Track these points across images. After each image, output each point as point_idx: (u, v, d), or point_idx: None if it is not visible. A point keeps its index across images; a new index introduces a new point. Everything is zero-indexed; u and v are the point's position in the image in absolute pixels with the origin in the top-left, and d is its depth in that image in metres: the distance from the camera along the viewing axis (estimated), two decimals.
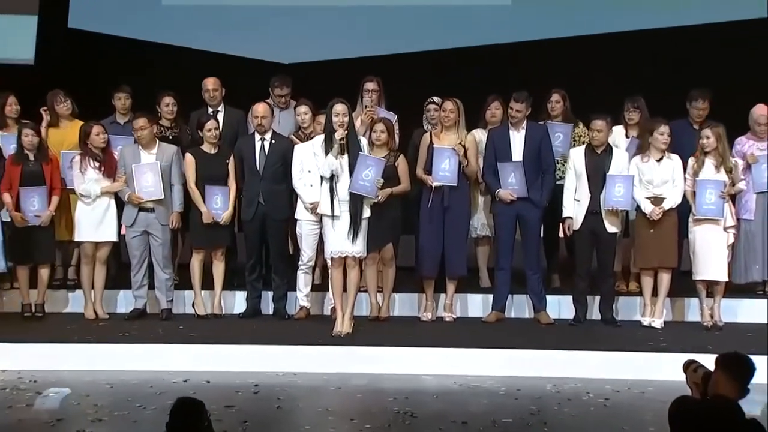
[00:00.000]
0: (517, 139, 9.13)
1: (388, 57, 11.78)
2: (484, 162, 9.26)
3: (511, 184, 9.06)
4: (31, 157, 9.17)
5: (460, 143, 9.03)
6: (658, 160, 8.97)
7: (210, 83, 9.85)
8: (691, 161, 9.01)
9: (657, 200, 8.97)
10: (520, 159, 9.07)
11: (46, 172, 9.16)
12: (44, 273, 9.24)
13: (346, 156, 8.46)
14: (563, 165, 9.34)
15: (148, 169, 9.09)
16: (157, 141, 9.27)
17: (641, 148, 9.07)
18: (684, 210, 9.03)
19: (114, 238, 9.26)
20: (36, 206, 9.10)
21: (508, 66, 11.51)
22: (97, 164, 9.14)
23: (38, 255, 9.21)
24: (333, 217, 8.49)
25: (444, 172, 9.00)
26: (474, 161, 9.13)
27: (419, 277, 9.34)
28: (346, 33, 12.12)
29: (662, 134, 8.93)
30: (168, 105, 9.68)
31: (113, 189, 9.17)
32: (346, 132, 8.42)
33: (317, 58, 11.92)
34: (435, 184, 9.02)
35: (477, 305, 9.52)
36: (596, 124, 9.00)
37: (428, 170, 9.08)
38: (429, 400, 7.55)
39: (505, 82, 10.03)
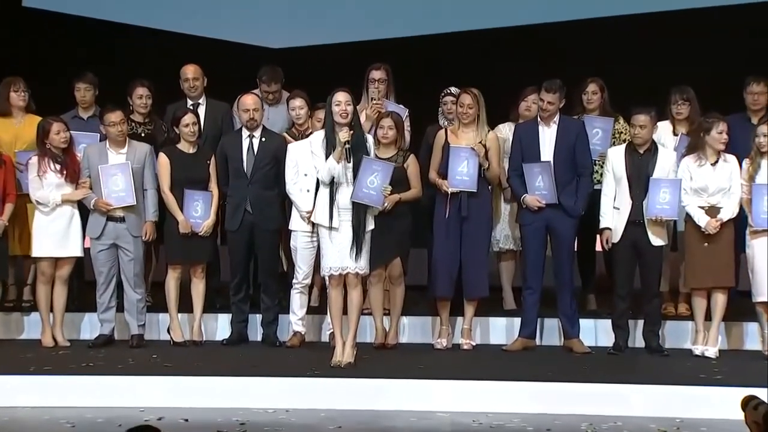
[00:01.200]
0: (548, 136, 9.09)
1: (397, 40, 11.77)
2: (509, 163, 9.23)
3: (539, 189, 9.01)
4: None
5: (480, 142, 9.00)
6: (714, 164, 8.92)
7: (189, 71, 9.83)
8: (745, 163, 8.96)
9: (712, 210, 8.91)
10: (550, 159, 9.03)
11: None
12: None
13: (351, 161, 8.39)
14: (601, 167, 9.30)
15: (119, 171, 9.06)
16: (128, 139, 9.23)
17: (692, 147, 9.02)
18: (741, 221, 8.98)
19: (78, 252, 9.23)
20: None
21: (538, 51, 11.49)
22: (57, 167, 9.10)
23: None
24: (331, 228, 8.44)
25: (461, 175, 8.97)
26: (496, 163, 9.08)
27: (432, 297, 9.31)
28: (347, 12, 12.10)
29: (721, 133, 8.88)
30: (141, 97, 9.66)
31: (75, 197, 9.13)
32: (352, 132, 8.34)
33: (313, 42, 11.91)
34: (451, 189, 8.98)
35: (500, 330, 9.51)
36: (639, 119, 8.94)
37: (443, 173, 9.05)
38: None
39: (533, 69, 9.99)
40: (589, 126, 9.37)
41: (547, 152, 9.06)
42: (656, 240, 8.94)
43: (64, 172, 9.08)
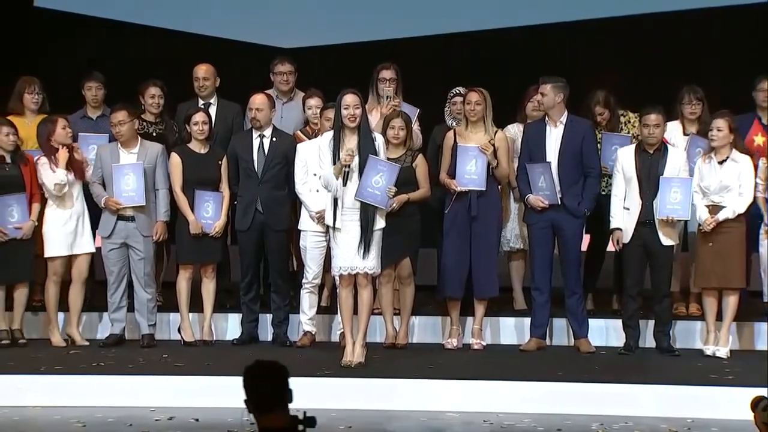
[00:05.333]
0: (554, 136, 9.06)
1: (405, 41, 11.77)
2: (518, 162, 9.22)
3: (541, 189, 8.99)
4: (8, 159, 9.10)
5: (489, 141, 8.97)
6: (721, 162, 8.89)
7: (201, 71, 9.80)
8: (762, 162, 8.93)
9: (715, 209, 8.88)
10: (554, 159, 8.99)
11: (25, 176, 9.11)
12: (22, 293, 9.18)
13: (356, 158, 8.37)
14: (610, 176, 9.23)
15: (131, 171, 9.06)
16: (140, 138, 9.24)
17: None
18: (752, 221, 8.94)
19: (90, 248, 9.23)
20: (16, 216, 9.05)
21: (546, 52, 11.48)
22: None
23: (16, 273, 9.16)
24: (334, 228, 8.41)
25: (470, 174, 8.94)
26: (505, 162, 9.06)
27: (442, 297, 9.30)
28: (357, 13, 12.10)
29: (711, 130, 8.84)
30: (153, 97, 9.64)
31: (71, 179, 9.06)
32: (353, 157, 8.29)
33: (323, 42, 11.92)
34: (459, 188, 8.97)
35: (510, 330, 9.50)
36: (651, 118, 8.85)
37: (452, 173, 9.03)
38: None
39: (542, 69, 9.95)
40: (609, 143, 9.30)
41: (552, 152, 9.02)
42: (666, 240, 8.90)
43: (69, 168, 9.05)
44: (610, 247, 9.40)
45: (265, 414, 4.40)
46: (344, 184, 8.32)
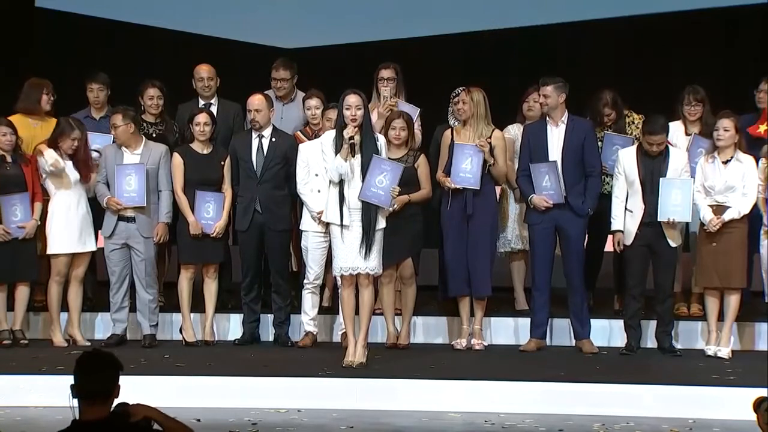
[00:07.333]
0: (555, 136, 9.05)
1: (409, 41, 11.78)
2: (518, 163, 9.21)
3: (546, 189, 8.98)
4: (8, 158, 9.12)
5: (485, 139, 8.96)
6: (725, 162, 8.89)
7: (204, 71, 9.80)
8: (762, 163, 8.93)
9: (719, 209, 8.88)
10: (557, 159, 8.99)
11: (27, 175, 9.12)
12: (23, 293, 9.20)
13: (358, 156, 8.38)
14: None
15: (134, 171, 9.07)
16: (143, 139, 9.24)
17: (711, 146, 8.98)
18: (754, 221, 8.94)
19: (93, 247, 9.25)
20: (19, 216, 9.06)
21: (550, 52, 11.49)
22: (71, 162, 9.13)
23: (20, 271, 9.17)
24: (341, 226, 8.42)
25: (465, 173, 8.92)
26: (502, 161, 9.04)
27: (444, 298, 9.30)
28: (360, 12, 12.11)
29: (717, 130, 8.84)
30: (153, 98, 9.63)
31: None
32: (357, 130, 8.32)
33: (326, 42, 11.93)
34: (452, 185, 8.95)
35: (512, 331, 9.49)
36: (654, 138, 8.75)
37: (448, 172, 9.02)
38: None
39: (545, 70, 9.97)
40: (610, 143, 9.30)
41: (555, 152, 9.02)
42: (670, 241, 8.91)
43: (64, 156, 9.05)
44: (608, 248, 9.40)
45: (88, 404, 4.49)
46: (353, 155, 8.26)
